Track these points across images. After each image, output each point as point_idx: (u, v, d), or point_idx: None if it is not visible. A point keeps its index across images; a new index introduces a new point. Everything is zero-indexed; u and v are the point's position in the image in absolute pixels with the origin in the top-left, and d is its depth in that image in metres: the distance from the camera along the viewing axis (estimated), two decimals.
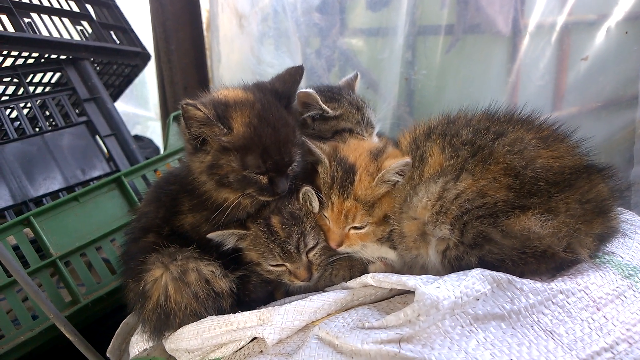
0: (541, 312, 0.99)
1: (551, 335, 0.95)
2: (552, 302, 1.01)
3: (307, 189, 1.37)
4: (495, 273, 1.04)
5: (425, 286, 1.00)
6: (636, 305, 1.05)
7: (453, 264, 1.19)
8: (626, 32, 1.96)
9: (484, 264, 1.12)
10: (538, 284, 1.03)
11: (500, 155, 1.21)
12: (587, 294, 1.03)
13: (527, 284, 1.02)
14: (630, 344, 0.97)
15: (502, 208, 1.15)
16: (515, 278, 1.04)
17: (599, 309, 1.02)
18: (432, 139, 1.36)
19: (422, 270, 1.30)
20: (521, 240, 1.11)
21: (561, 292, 1.02)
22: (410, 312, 0.98)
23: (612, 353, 0.95)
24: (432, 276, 1.10)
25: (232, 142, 1.27)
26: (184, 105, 1.23)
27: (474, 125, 1.33)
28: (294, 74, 1.40)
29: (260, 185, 1.30)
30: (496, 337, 0.94)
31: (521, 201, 1.15)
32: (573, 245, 1.11)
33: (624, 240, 1.25)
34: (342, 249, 1.41)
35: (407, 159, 1.34)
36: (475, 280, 1.01)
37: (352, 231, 1.40)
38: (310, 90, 1.54)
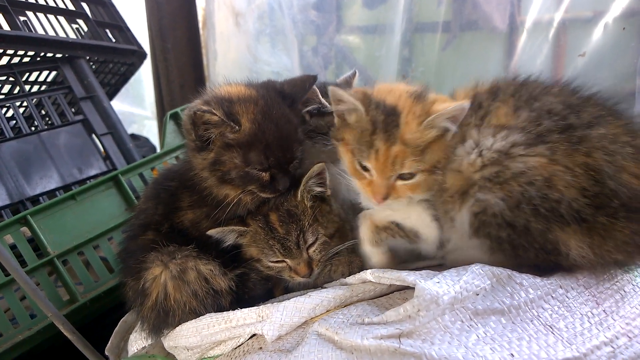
0: (541, 307, 0.99)
1: (551, 330, 0.95)
2: (552, 296, 1.01)
3: (319, 165, 1.36)
4: (494, 268, 1.04)
5: (425, 281, 1.00)
6: (636, 299, 1.06)
7: (479, 230, 1.13)
8: (623, 28, 1.97)
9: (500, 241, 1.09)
10: (537, 279, 1.03)
11: (593, 148, 1.04)
12: (586, 289, 1.04)
13: (527, 278, 1.03)
14: (629, 338, 0.97)
15: (565, 212, 1.03)
16: (515, 273, 1.04)
17: (598, 304, 1.02)
18: (500, 98, 1.19)
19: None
20: (554, 252, 1.06)
21: (561, 287, 1.02)
22: (410, 307, 0.98)
23: (612, 347, 0.95)
24: (432, 271, 1.11)
25: (237, 139, 1.28)
26: (198, 113, 1.23)
27: (561, 97, 1.15)
28: (305, 81, 1.42)
29: (261, 182, 1.31)
30: (496, 331, 0.94)
31: (585, 213, 1.02)
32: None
33: None
34: (386, 203, 1.25)
35: (465, 103, 1.16)
36: (475, 275, 1.01)
37: (400, 182, 1.24)
38: None
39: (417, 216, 1.30)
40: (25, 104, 2.45)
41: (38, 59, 2.51)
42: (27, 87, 2.53)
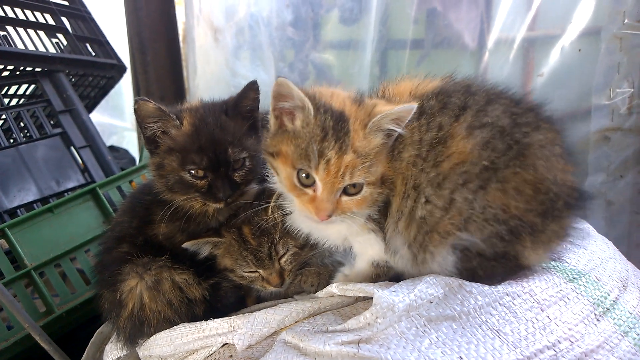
0: (489, 313, 1.06)
1: (497, 334, 1.03)
2: (499, 303, 1.08)
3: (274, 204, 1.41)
4: (447, 278, 1.11)
5: (383, 291, 1.07)
6: (578, 306, 1.13)
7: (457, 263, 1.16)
8: (579, 50, 2.09)
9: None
10: (486, 287, 1.10)
11: (535, 158, 1.09)
12: (531, 296, 1.11)
13: (476, 287, 1.10)
14: (571, 342, 1.05)
15: (522, 232, 1.10)
16: (465, 282, 1.11)
17: (543, 310, 1.09)
18: (450, 110, 1.15)
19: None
20: (515, 262, 1.15)
21: (507, 294, 1.10)
22: (369, 315, 1.05)
23: (554, 351, 1.02)
24: (390, 282, 1.18)
25: (177, 139, 1.38)
26: (136, 100, 1.34)
27: (506, 107, 1.15)
28: (248, 89, 1.46)
29: (197, 188, 1.39)
30: (447, 336, 1.01)
31: (537, 226, 1.11)
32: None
33: (571, 246, 1.34)
34: (330, 220, 1.17)
35: (413, 104, 1.11)
36: (429, 285, 1.08)
37: (345, 198, 1.16)
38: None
39: (376, 244, 1.28)
40: (3, 117, 2.47)
41: (17, 72, 2.53)
42: (5, 101, 2.55)
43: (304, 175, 1.15)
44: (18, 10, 2.56)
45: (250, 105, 1.47)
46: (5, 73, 2.48)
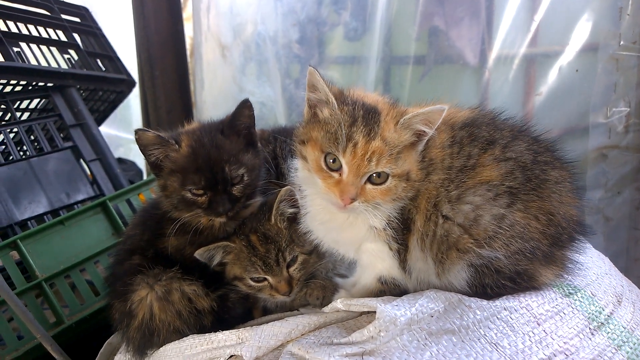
0: (487, 327, 1.10)
1: (496, 348, 1.07)
2: (497, 317, 1.12)
3: (287, 188, 1.47)
4: (447, 293, 1.16)
5: (385, 305, 1.12)
6: (574, 320, 1.18)
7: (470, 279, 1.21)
8: (577, 70, 2.14)
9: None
10: (484, 302, 1.15)
11: (550, 192, 1.19)
12: (528, 311, 1.15)
13: (475, 301, 1.14)
14: (566, 355, 1.09)
15: (539, 254, 1.18)
16: (465, 297, 1.16)
17: (539, 324, 1.13)
18: (479, 142, 1.24)
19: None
20: (529, 281, 1.21)
21: (505, 309, 1.14)
22: (372, 328, 1.10)
23: None
24: (392, 297, 1.22)
25: (177, 161, 1.45)
26: (136, 131, 1.42)
27: (528, 144, 1.25)
28: (241, 107, 1.50)
29: (199, 205, 1.45)
30: (447, 349, 1.06)
31: (547, 252, 1.19)
32: None
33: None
34: (353, 205, 1.18)
35: (443, 105, 1.15)
36: (429, 299, 1.13)
37: (370, 186, 1.18)
38: None
39: (388, 258, 1.31)
40: (15, 130, 2.53)
41: (30, 87, 2.59)
42: (17, 114, 2.61)
43: (331, 160, 1.19)
44: (31, 27, 2.64)
45: (245, 122, 1.52)
46: (18, 88, 2.54)
